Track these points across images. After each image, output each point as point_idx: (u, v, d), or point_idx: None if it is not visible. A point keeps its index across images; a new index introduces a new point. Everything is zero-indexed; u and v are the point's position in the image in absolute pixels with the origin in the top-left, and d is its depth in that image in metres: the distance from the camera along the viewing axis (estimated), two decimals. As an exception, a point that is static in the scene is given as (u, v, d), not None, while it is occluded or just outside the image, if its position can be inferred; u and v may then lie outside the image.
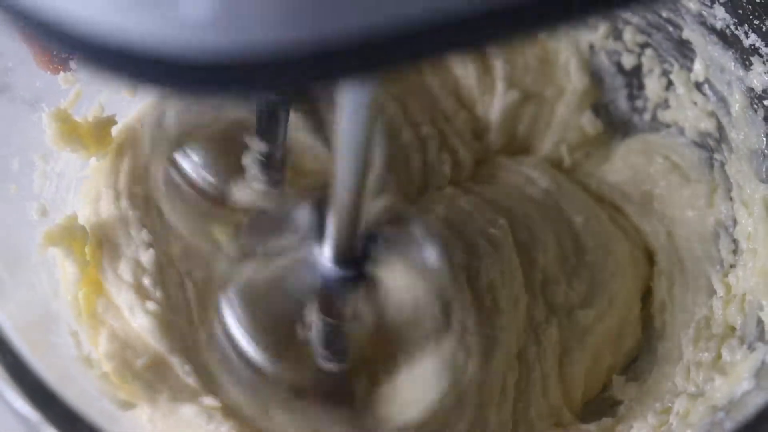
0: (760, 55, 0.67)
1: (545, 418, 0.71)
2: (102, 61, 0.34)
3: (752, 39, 0.68)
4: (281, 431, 0.66)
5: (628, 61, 0.81)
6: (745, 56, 0.68)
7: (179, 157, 0.71)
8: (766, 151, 0.68)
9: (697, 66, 0.74)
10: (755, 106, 0.69)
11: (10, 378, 0.55)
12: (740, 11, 0.68)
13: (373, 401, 0.67)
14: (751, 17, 0.67)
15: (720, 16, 0.70)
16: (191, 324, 0.68)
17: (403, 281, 0.65)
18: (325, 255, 0.60)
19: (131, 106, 0.77)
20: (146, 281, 0.69)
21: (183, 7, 0.31)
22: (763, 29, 0.67)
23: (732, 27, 0.69)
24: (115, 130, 0.73)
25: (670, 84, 0.78)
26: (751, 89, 0.69)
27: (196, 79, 0.33)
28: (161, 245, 0.70)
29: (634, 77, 0.82)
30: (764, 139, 0.68)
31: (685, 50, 0.75)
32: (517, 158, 0.82)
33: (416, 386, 0.66)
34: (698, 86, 0.75)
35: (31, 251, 0.66)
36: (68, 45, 0.34)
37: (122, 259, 0.69)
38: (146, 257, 0.69)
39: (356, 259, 0.61)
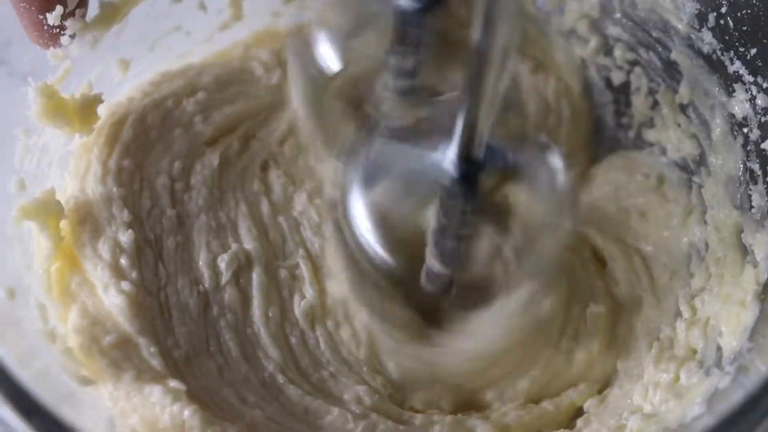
0: (743, 83, 0.67)
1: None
2: None
3: (736, 66, 0.68)
4: (252, 415, 0.67)
5: (617, 78, 0.82)
6: (729, 82, 0.69)
7: None
8: (741, 178, 0.68)
9: (683, 88, 0.74)
10: (735, 132, 0.69)
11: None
12: (727, 37, 0.68)
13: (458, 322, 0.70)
14: (736, 44, 0.67)
15: (707, 41, 0.70)
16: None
17: (528, 201, 0.65)
18: (449, 157, 0.58)
19: (121, 86, 0.78)
20: (123, 261, 0.69)
21: None
22: (747, 57, 0.67)
23: (718, 52, 0.69)
24: (101, 109, 0.74)
25: (656, 103, 0.78)
26: (732, 115, 0.69)
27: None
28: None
29: (621, 94, 0.82)
30: (741, 166, 0.68)
31: (672, 71, 0.75)
32: None
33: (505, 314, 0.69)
34: (683, 108, 0.75)
35: (6, 224, 0.67)
36: None
37: (102, 237, 0.70)
38: (126, 237, 0.70)
39: (481, 165, 0.59)
